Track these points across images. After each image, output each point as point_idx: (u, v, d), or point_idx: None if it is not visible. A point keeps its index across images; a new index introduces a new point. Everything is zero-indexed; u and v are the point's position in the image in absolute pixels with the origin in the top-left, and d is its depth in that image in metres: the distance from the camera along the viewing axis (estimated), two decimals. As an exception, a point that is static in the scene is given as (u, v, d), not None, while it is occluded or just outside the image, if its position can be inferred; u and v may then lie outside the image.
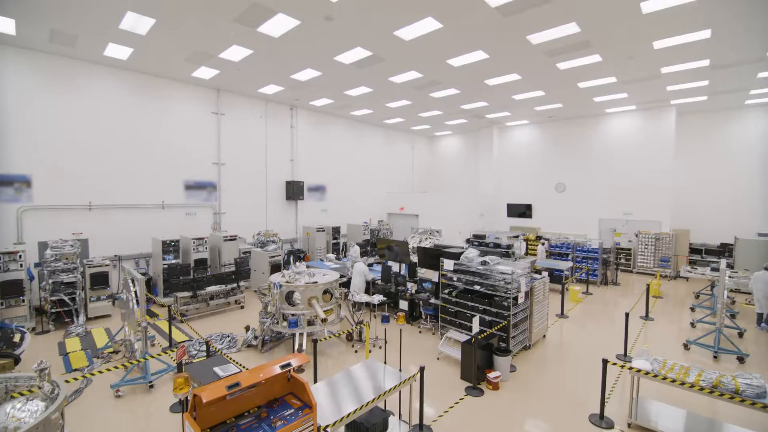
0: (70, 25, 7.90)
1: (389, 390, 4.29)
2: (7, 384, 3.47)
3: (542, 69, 10.27)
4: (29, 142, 9.21)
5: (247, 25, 7.82)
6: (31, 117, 9.23)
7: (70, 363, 6.52)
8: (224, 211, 13.02)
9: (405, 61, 9.80)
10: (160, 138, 11.38)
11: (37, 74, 9.27)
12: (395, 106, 14.66)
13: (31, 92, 9.21)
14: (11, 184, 9.02)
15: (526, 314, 7.20)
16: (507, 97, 13.24)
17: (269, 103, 14.12)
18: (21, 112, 9.08)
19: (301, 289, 6.89)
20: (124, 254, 10.73)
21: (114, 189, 10.54)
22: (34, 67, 9.20)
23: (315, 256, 14.19)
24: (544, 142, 17.67)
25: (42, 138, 9.38)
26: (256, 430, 3.09)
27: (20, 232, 9.11)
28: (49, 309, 8.18)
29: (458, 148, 21.30)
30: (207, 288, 9.26)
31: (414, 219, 17.73)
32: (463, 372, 6.16)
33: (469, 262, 7.33)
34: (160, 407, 5.32)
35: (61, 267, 8.40)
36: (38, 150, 9.33)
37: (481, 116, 16.41)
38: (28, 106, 9.17)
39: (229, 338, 7.45)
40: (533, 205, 17.98)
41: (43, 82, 9.36)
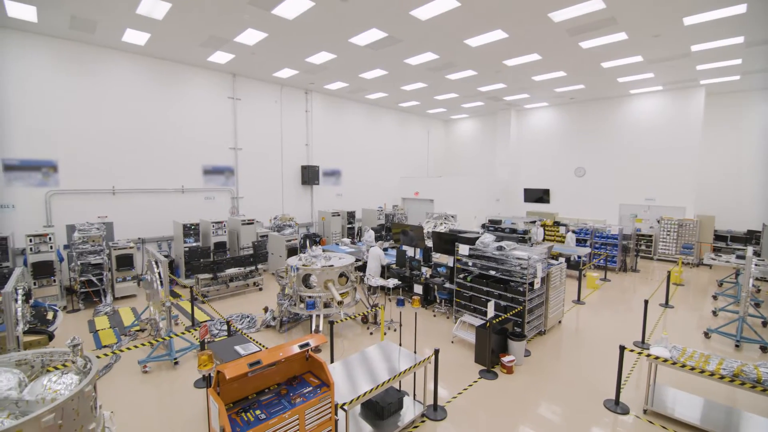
0: (89, 11, 7.99)
1: (404, 371, 4.37)
2: (43, 358, 3.68)
3: (564, 48, 9.90)
4: (54, 128, 9.48)
5: (262, 8, 7.76)
6: (55, 103, 9.47)
7: (100, 340, 6.87)
8: (242, 196, 13.24)
9: (421, 42, 9.58)
10: (178, 123, 11.56)
11: (59, 61, 9.47)
12: (410, 89, 14.43)
13: (54, 79, 9.42)
14: (39, 169, 9.36)
15: (541, 300, 7.16)
16: (526, 79, 12.86)
17: (284, 88, 14.10)
18: (45, 99, 9.33)
19: (318, 273, 7.01)
20: (147, 237, 11.08)
21: (136, 174, 10.82)
22: (55, 54, 9.39)
23: (330, 240, 14.35)
24: (563, 124, 17.17)
25: (66, 124, 9.64)
26: (277, 405, 3.22)
27: (49, 215, 9.49)
28: (78, 289, 8.57)
29: (474, 132, 20.93)
30: (226, 270, 9.52)
31: (429, 204, 17.65)
32: (477, 355, 6.22)
33: (485, 247, 7.30)
34: (184, 383, 5.57)
35: (89, 249, 8.76)
36: (63, 136, 9.61)
37: (498, 99, 16.02)
38: (52, 93, 9.41)
39: (249, 319, 7.69)
40: (551, 190, 17.64)
41: (65, 68, 9.56)
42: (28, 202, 9.21)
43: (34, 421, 2.68)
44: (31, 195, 9.26)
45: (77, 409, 2.97)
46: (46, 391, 3.21)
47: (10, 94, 8.88)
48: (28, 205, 9.21)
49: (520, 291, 6.70)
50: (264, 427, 2.98)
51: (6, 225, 8.81)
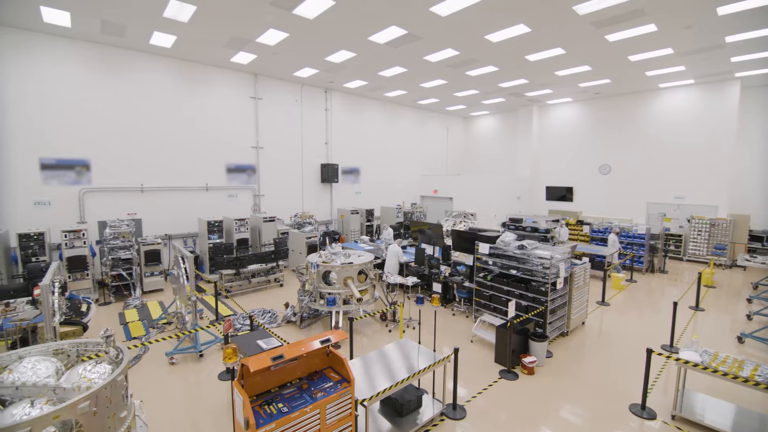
0: (119, 15, 8.29)
1: (424, 369, 4.37)
2: (78, 348, 3.86)
3: (589, 42, 9.62)
4: (87, 129, 9.90)
5: (283, 8, 7.86)
6: (87, 105, 9.89)
7: (130, 332, 7.16)
8: (263, 193, 13.49)
9: (441, 39, 9.50)
10: (202, 122, 11.87)
11: (91, 64, 9.87)
12: (430, 86, 14.33)
13: (87, 81, 9.84)
14: (73, 168, 9.80)
15: (564, 300, 7.01)
16: (549, 74, 12.56)
17: (304, 87, 14.26)
18: (78, 101, 9.75)
19: (338, 270, 7.08)
20: (174, 233, 11.45)
21: (162, 172, 11.19)
22: (87, 57, 9.80)
23: (349, 237, 14.45)
24: (588, 120, 16.69)
25: (97, 124, 10.05)
26: (298, 399, 3.28)
27: (82, 212, 9.93)
28: (109, 282, 8.96)
29: (495, 129, 20.61)
30: (249, 266, 9.74)
31: (448, 202, 17.53)
32: (497, 355, 6.15)
33: (506, 246, 7.20)
34: (209, 375, 5.74)
35: (119, 244, 9.13)
36: (95, 136, 10.03)
37: (520, 95, 15.72)
38: (85, 95, 9.83)
39: (270, 314, 7.85)
40: (574, 188, 17.20)
41: (97, 71, 9.96)
42: (63, 200, 9.68)
43: (71, 408, 2.82)
44: (65, 192, 9.71)
45: (110, 397, 3.11)
46: (82, 380, 3.37)
47: (47, 96, 9.32)
48: (63, 202, 9.68)
49: (542, 291, 6.58)
50: (286, 421, 3.05)
51: (43, 221, 9.27)
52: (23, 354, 3.65)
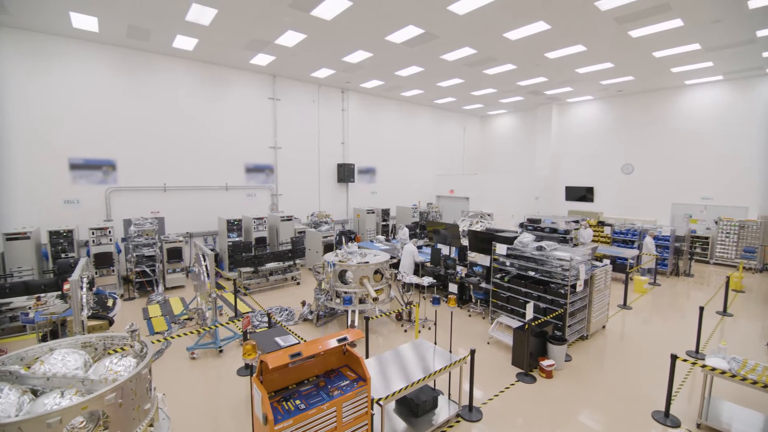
0: (144, 20, 8.55)
1: (440, 370, 4.36)
2: (105, 342, 4.01)
3: (612, 38, 9.37)
4: (113, 130, 10.26)
5: (301, 10, 7.95)
6: (114, 107, 10.23)
7: (153, 327, 7.38)
8: (281, 193, 13.68)
9: (459, 37, 9.43)
10: (222, 123, 12.13)
11: (117, 67, 10.21)
12: (447, 85, 14.24)
13: (113, 84, 10.18)
14: (100, 167, 10.17)
15: (584, 303, 6.86)
16: (569, 71, 12.30)
17: (321, 87, 14.39)
18: (105, 103, 10.10)
19: (354, 269, 7.12)
20: (195, 231, 11.74)
21: (184, 172, 11.49)
22: (113, 61, 10.14)
23: (365, 237, 14.51)
24: (610, 119, 16.27)
25: (123, 126, 10.40)
26: (315, 396, 3.32)
27: (108, 210, 10.30)
28: (133, 279, 9.25)
29: (512, 128, 20.32)
30: (267, 264, 9.90)
31: (464, 202, 17.38)
32: (514, 358, 6.07)
33: (524, 247, 7.09)
34: (228, 370, 5.87)
35: (143, 242, 9.42)
36: (121, 137, 10.38)
37: (539, 93, 15.45)
38: (111, 97, 10.18)
39: (287, 311, 7.96)
40: (595, 188, 16.79)
41: (123, 74, 10.30)
42: (90, 198, 10.05)
43: (98, 399, 2.93)
44: (93, 191, 10.09)
45: (135, 389, 3.22)
46: (108, 372, 3.50)
47: (76, 98, 9.69)
48: (90, 200, 10.05)
49: (561, 293, 6.46)
50: (303, 417, 3.09)
51: (72, 219, 9.65)
52: (54, 346, 3.81)
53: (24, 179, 9.16)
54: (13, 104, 8.94)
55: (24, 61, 9.00)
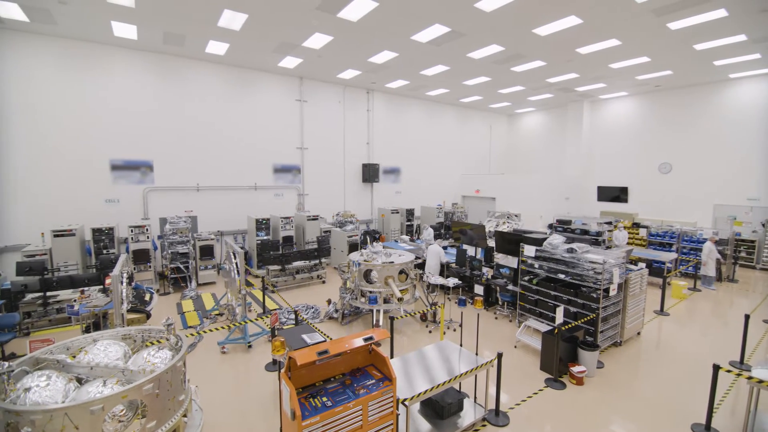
0: (179, 27, 8.92)
1: (466, 372, 4.30)
2: (143, 334, 4.21)
3: (648, 31, 8.95)
4: (150, 133, 10.76)
5: (328, 12, 8.05)
6: (151, 110, 10.73)
7: (186, 321, 7.69)
8: (307, 193, 13.92)
9: (486, 35, 9.27)
10: (251, 125, 12.48)
11: (154, 72, 10.70)
12: (473, 84, 14.04)
13: (150, 88, 10.68)
14: (138, 168, 10.69)
15: (618, 308, 6.59)
16: (603, 67, 11.84)
17: (347, 88, 14.53)
18: (143, 106, 10.61)
19: (379, 269, 7.14)
20: (225, 230, 12.14)
21: (216, 172, 11.91)
22: (150, 66, 10.63)
23: (389, 237, 14.52)
24: (646, 115, 15.53)
25: (159, 128, 10.89)
26: (341, 394, 3.36)
27: (146, 209, 10.81)
28: (168, 274, 9.67)
29: (541, 126, 19.78)
30: (293, 263, 10.10)
31: (490, 202, 17.08)
32: (542, 363, 5.92)
33: (554, 249, 6.89)
34: (257, 365, 6.03)
35: (177, 239, 9.83)
36: (157, 139, 10.87)
37: (569, 90, 14.96)
38: (149, 101, 10.67)
39: (313, 309, 8.09)
40: (629, 188, 16.08)
41: (159, 79, 10.78)
42: (129, 198, 10.58)
43: (137, 389, 3.09)
44: (132, 191, 10.62)
45: (171, 381, 3.36)
46: (146, 363, 3.67)
47: (117, 103, 10.23)
48: (129, 200, 10.59)
49: (593, 297, 6.23)
50: (330, 414, 3.13)
51: (113, 217, 10.19)
52: (97, 337, 4.03)
53: (69, 180, 9.75)
54: (60, 109, 9.54)
55: (69, 68, 9.58)
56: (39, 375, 3.23)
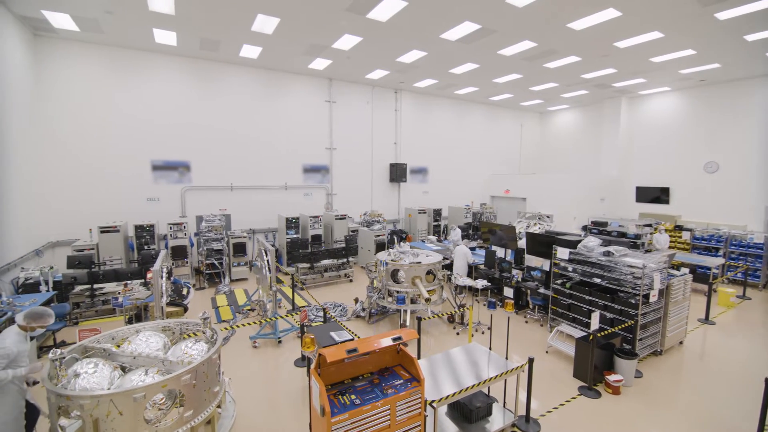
0: (215, 32, 9.26)
1: (496, 376, 4.22)
2: (181, 327, 4.41)
3: (693, 22, 8.42)
4: (187, 134, 11.24)
5: (358, 13, 8.10)
6: (188, 113, 11.21)
7: (220, 315, 7.98)
8: (335, 192, 14.10)
9: (517, 31, 9.04)
10: (282, 126, 12.78)
11: (191, 77, 11.17)
12: (503, 81, 13.73)
13: (187, 92, 11.16)
14: (176, 169, 11.19)
15: (658, 315, 6.26)
16: (642, 61, 11.26)
17: (375, 88, 14.59)
18: (181, 109, 11.10)
19: (406, 269, 7.13)
20: (257, 228, 12.50)
21: (248, 172, 12.29)
22: (188, 71, 11.11)
23: (416, 237, 14.46)
24: (690, 111, 14.63)
25: (196, 130, 11.35)
26: (370, 393, 3.38)
27: (183, 207, 11.31)
28: (204, 270, 10.08)
29: (575, 124, 19.07)
30: (322, 261, 10.27)
31: (521, 202, 16.65)
32: (576, 370, 5.71)
33: (589, 251, 6.63)
34: (286, 361, 6.17)
35: (212, 237, 10.23)
36: (194, 140, 11.34)
37: (606, 86, 14.34)
38: (186, 104, 11.16)
39: (341, 307, 8.18)
40: (671, 189, 15.21)
41: (195, 83, 11.25)
42: (168, 196, 11.11)
43: (176, 379, 3.23)
44: (171, 190, 11.14)
45: (207, 372, 3.50)
46: (184, 355, 3.83)
47: (157, 106, 10.75)
48: (168, 198, 11.11)
49: (632, 303, 5.94)
50: (358, 412, 3.15)
51: (153, 214, 10.73)
52: (139, 328, 4.25)
53: (114, 179, 10.34)
54: (106, 113, 10.13)
55: (115, 74, 10.17)
56: (87, 362, 3.45)
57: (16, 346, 3.54)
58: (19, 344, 3.59)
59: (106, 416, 2.94)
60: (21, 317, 3.70)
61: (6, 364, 3.43)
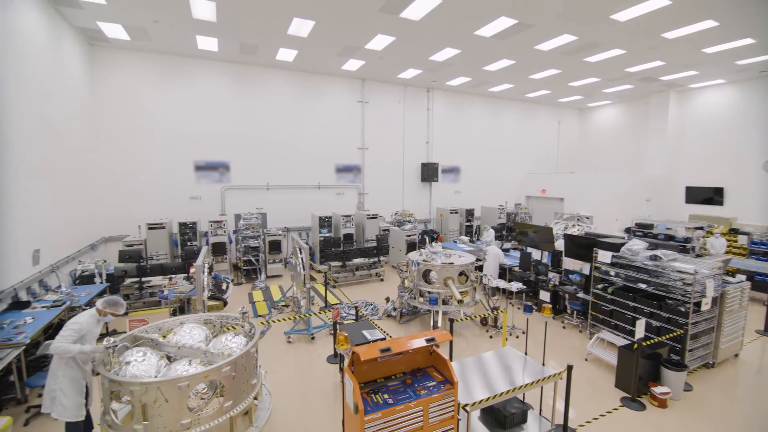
0: (253, 37, 9.58)
1: (533, 383, 4.08)
2: (221, 320, 4.60)
3: (752, 8, 7.75)
4: (227, 136, 11.72)
5: (391, 13, 8.11)
6: (228, 115, 11.68)
7: (256, 310, 8.26)
8: (367, 192, 14.21)
9: (556, 24, 8.71)
10: (316, 127, 13.04)
11: (230, 79, 11.63)
12: (540, 78, 13.27)
13: (227, 95, 11.63)
14: (216, 169, 11.70)
15: (711, 325, 5.83)
16: (694, 52, 10.51)
17: (407, 88, 14.56)
18: (221, 111, 11.58)
19: (438, 269, 7.06)
20: (291, 226, 12.84)
21: (283, 172, 12.64)
22: (228, 75, 11.57)
23: (448, 237, 14.29)
24: (749, 106, 13.49)
25: (234, 131, 11.82)
26: (402, 393, 3.37)
27: (223, 205, 11.80)
28: (241, 266, 10.48)
29: (618, 120, 18.11)
30: (353, 260, 10.38)
31: (558, 203, 16.04)
32: (618, 380, 5.43)
33: (633, 255, 6.28)
34: (319, 357, 6.29)
35: (249, 234, 10.62)
36: (233, 141, 11.81)
37: (653, 79, 13.51)
38: (225, 106, 11.64)
39: (372, 306, 8.24)
40: (725, 189, 14.10)
41: (234, 85, 11.70)
42: (209, 195, 11.64)
43: (217, 370, 3.37)
44: (211, 189, 11.66)
45: (245, 365, 3.63)
46: (224, 347, 3.99)
47: (200, 109, 11.28)
48: (209, 197, 11.64)
49: (681, 311, 5.57)
50: (391, 412, 3.16)
51: (195, 212, 11.27)
52: (183, 320, 4.47)
53: (160, 178, 10.96)
54: (154, 116, 10.76)
55: (160, 79, 10.77)
56: (137, 351, 3.67)
57: (89, 326, 3.89)
58: (91, 325, 3.95)
59: (153, 402, 3.11)
60: (100, 302, 4.05)
61: (76, 338, 3.75)
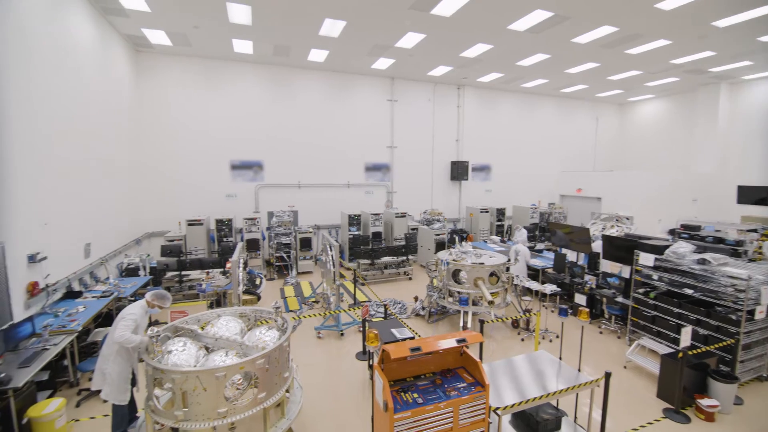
0: (286, 39, 9.80)
1: (567, 389, 3.95)
2: (255, 314, 4.75)
3: (825, -9, 7.09)
4: (260, 135, 12.08)
5: (421, 10, 8.04)
6: (261, 115, 12.03)
7: (288, 305, 8.47)
8: (395, 190, 14.22)
9: (595, 15, 8.32)
10: (346, 126, 13.19)
11: (265, 81, 11.97)
12: (577, 72, 12.75)
13: (260, 96, 11.97)
14: (251, 168, 12.09)
15: (766, 335, 5.40)
16: (749, 41, 9.73)
17: (437, 85, 14.41)
18: (255, 112, 11.94)
19: (468, 269, 6.96)
20: (321, 224, 13.07)
21: (314, 171, 12.88)
22: (262, 76, 11.91)
23: (477, 237, 14.04)
24: (814, 98, 12.36)
25: (268, 131, 12.16)
26: (432, 393, 3.36)
27: (257, 203, 12.19)
28: (274, 262, 10.78)
29: (661, 115, 17.09)
30: (382, 258, 10.43)
31: (595, 203, 15.37)
32: (660, 389, 5.14)
33: (679, 258, 5.92)
34: (348, 353, 6.37)
35: (282, 231, 10.92)
36: (266, 141, 12.16)
37: (701, 71, 12.65)
38: (259, 107, 11.99)
39: (401, 305, 8.25)
40: (785, 188, 12.99)
41: (267, 86, 12.03)
42: (244, 193, 12.05)
43: (252, 362, 3.49)
44: (246, 187, 12.07)
45: (278, 358, 3.73)
46: (258, 340, 4.12)
47: (236, 110, 11.69)
48: (244, 195, 12.05)
49: (732, 320, 5.20)
50: (421, 411, 3.15)
51: (231, 210, 11.70)
52: (220, 313, 4.66)
53: (199, 177, 11.46)
54: (193, 117, 11.25)
55: (199, 82, 11.24)
56: (178, 341, 3.86)
57: (140, 317, 4.19)
58: (141, 315, 4.21)
59: (192, 390, 3.26)
60: (149, 295, 4.37)
61: (133, 328, 4.07)
